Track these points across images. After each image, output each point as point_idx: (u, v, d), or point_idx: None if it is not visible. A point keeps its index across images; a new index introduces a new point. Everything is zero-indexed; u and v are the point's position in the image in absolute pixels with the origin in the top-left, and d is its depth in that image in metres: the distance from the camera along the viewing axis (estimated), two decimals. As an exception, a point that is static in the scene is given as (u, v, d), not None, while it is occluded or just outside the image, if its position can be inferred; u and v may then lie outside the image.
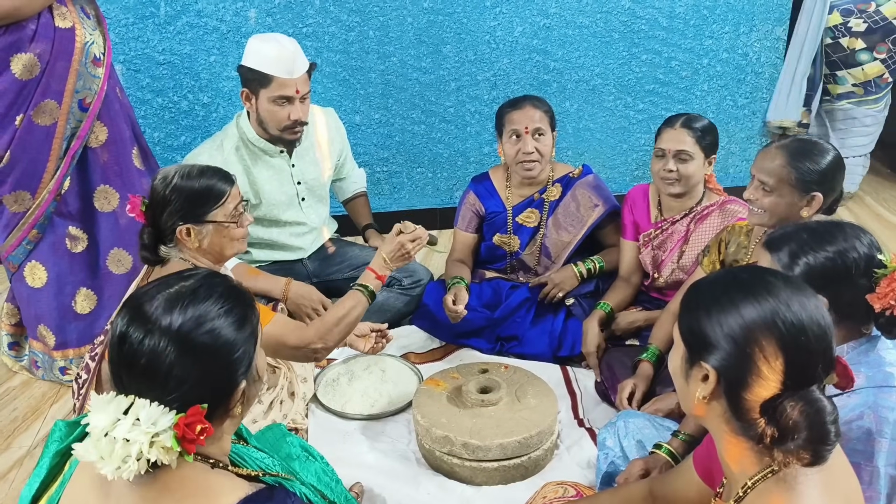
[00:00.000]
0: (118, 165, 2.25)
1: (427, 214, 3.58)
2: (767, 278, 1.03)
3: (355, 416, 2.15)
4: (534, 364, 2.33)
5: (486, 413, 1.93)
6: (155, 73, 3.13)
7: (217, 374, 0.97)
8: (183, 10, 3.06)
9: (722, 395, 1.01)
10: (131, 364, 0.94)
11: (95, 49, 2.14)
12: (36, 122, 2.06)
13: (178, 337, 0.94)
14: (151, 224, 1.73)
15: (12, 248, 2.16)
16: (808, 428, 0.94)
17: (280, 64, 2.27)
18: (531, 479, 1.89)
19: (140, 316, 0.96)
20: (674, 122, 2.28)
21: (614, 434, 1.79)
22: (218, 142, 2.43)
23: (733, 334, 0.99)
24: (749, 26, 3.50)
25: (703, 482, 1.25)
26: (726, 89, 3.61)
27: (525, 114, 2.43)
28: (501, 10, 3.29)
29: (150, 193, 1.74)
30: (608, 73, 3.48)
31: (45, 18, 2.02)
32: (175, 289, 0.99)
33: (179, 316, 0.95)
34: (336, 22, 3.18)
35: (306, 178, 2.56)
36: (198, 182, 1.72)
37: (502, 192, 2.61)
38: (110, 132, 2.21)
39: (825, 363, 0.99)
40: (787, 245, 1.36)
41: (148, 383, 0.93)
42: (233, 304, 1.00)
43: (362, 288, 1.91)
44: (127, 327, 0.95)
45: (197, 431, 0.91)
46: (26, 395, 2.34)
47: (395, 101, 3.36)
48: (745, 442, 1.01)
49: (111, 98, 2.22)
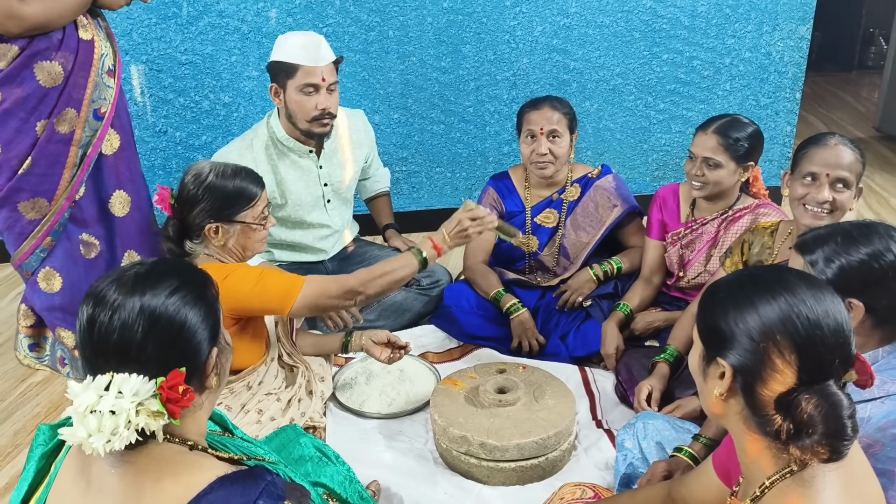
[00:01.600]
0: (129, 171, 2.32)
1: (446, 214, 3.54)
2: (784, 275, 1.03)
3: (373, 415, 2.15)
4: (552, 364, 2.32)
5: (503, 413, 1.92)
6: (177, 73, 3.16)
7: (185, 343, 1.00)
8: (205, 10, 3.08)
9: (738, 392, 1.02)
10: (103, 344, 0.97)
11: (108, 61, 2.21)
12: (57, 130, 2.11)
13: (144, 309, 0.97)
14: (178, 218, 1.77)
15: (26, 256, 2.21)
16: (824, 422, 0.93)
17: (305, 51, 2.30)
18: (548, 479, 1.88)
19: (104, 299, 0.99)
20: (707, 127, 2.23)
21: (633, 436, 1.78)
22: (248, 140, 2.45)
23: (748, 330, 0.99)
24: (772, 25, 3.46)
25: (721, 483, 1.25)
26: (749, 89, 3.57)
27: (542, 115, 2.43)
28: (521, 10, 3.28)
29: (180, 188, 1.78)
30: (629, 73, 3.46)
31: (70, 29, 2.09)
32: (132, 272, 1.02)
33: (141, 292, 0.99)
34: (356, 22, 3.20)
35: (333, 180, 2.57)
36: (231, 183, 1.77)
37: (521, 192, 2.61)
38: (122, 139, 2.28)
39: (842, 358, 0.98)
40: (819, 248, 1.34)
41: (122, 358, 0.96)
42: (187, 279, 1.03)
43: (416, 251, 1.92)
44: (93, 310, 0.99)
45: (180, 392, 0.94)
46: (48, 391, 2.37)
47: (414, 100, 3.37)
48: (762, 440, 1.01)
49: (121, 107, 2.29)
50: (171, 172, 3.33)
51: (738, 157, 2.19)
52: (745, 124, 2.21)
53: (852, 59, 7.45)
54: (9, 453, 2.08)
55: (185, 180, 1.78)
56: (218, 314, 1.06)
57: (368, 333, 2.14)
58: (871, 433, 1.24)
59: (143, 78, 3.16)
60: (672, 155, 3.65)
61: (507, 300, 2.48)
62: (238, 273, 1.77)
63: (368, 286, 1.86)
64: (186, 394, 0.95)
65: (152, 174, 3.31)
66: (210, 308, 1.04)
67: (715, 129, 2.19)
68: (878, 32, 7.33)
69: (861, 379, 1.00)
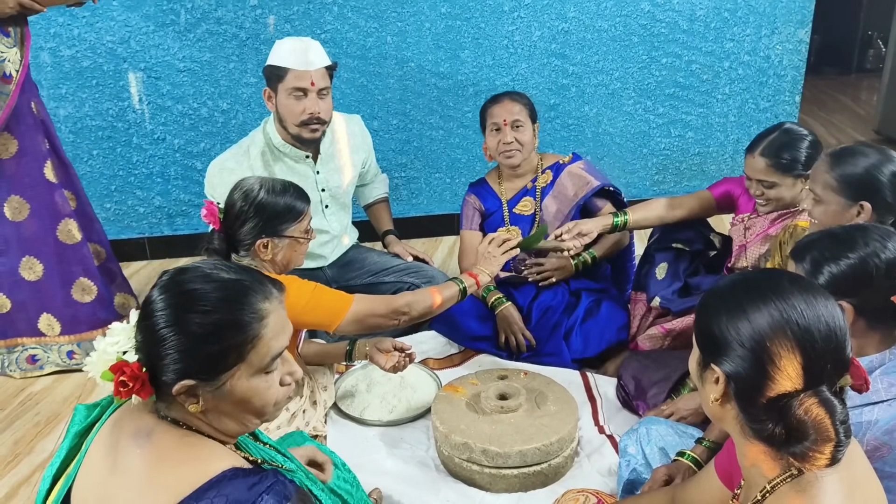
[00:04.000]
0: (28, 177, 2.36)
1: (445, 219, 3.58)
2: (777, 281, 1.03)
3: (374, 423, 2.14)
4: (553, 370, 2.31)
5: (505, 420, 1.91)
6: (175, 81, 3.16)
7: (194, 359, 1.03)
8: (203, 17, 3.08)
9: (732, 398, 1.02)
10: (145, 317, 1.06)
11: (8, 66, 2.24)
12: None
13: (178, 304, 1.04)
14: (226, 233, 1.83)
15: None
16: (815, 428, 0.94)
17: (294, 55, 2.31)
18: (551, 486, 1.87)
19: (167, 282, 1.07)
20: (754, 149, 2.09)
21: (636, 441, 1.77)
22: (244, 147, 2.45)
23: (740, 337, 1.00)
24: (771, 29, 3.46)
25: (724, 486, 1.24)
26: (748, 92, 3.57)
27: (504, 107, 2.51)
28: (519, 15, 3.28)
29: (227, 204, 1.85)
30: (627, 77, 3.46)
31: None
32: (204, 271, 1.08)
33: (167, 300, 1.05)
34: (354, 28, 3.19)
35: (330, 186, 2.56)
36: (282, 199, 1.85)
37: (496, 189, 2.67)
38: (20, 145, 2.32)
39: (835, 363, 0.98)
40: (809, 253, 1.37)
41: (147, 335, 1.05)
42: (228, 310, 1.04)
43: (458, 280, 2.08)
44: (155, 287, 1.08)
45: (125, 379, 1.02)
46: (48, 399, 2.36)
47: (413, 106, 3.36)
48: (759, 444, 1.01)
49: (23, 112, 2.32)
50: (169, 180, 3.32)
51: (794, 174, 2.07)
52: (793, 139, 2.06)
53: (851, 62, 7.45)
54: (9, 462, 2.07)
55: (235, 197, 1.84)
56: (248, 347, 1.05)
57: (373, 341, 2.14)
58: (878, 436, 1.24)
59: (141, 85, 3.15)
60: (672, 159, 3.65)
61: (493, 295, 2.51)
62: (294, 286, 1.82)
63: (413, 307, 1.98)
64: (133, 383, 1.02)
65: (151, 182, 3.31)
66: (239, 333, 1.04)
67: (762, 152, 2.07)
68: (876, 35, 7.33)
69: (856, 383, 0.99)
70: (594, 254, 2.54)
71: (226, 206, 1.85)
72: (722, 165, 3.69)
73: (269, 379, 1.08)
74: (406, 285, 2.62)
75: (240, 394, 1.05)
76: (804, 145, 2.06)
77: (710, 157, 3.67)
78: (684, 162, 3.67)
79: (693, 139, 3.62)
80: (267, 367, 1.07)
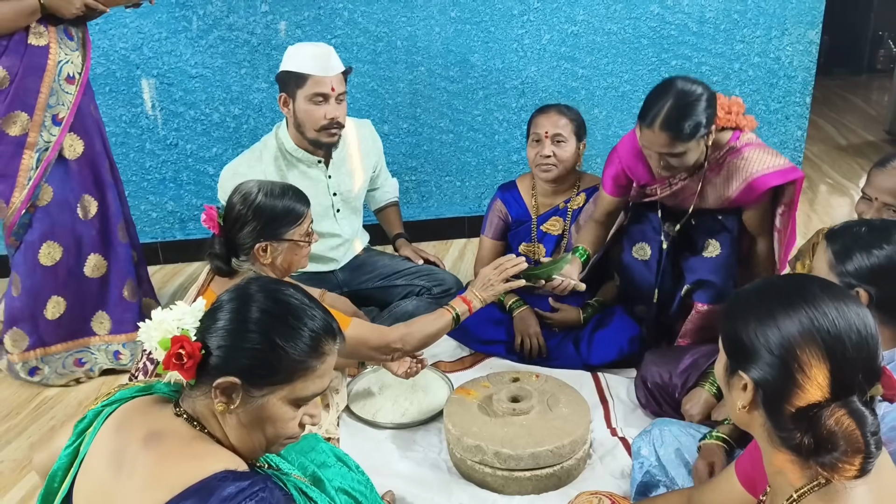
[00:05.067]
0: (94, 176, 2.40)
1: (455, 223, 3.59)
2: (807, 286, 1.01)
3: (386, 425, 2.14)
4: (565, 372, 2.31)
5: (517, 422, 1.91)
6: (187, 87, 3.18)
7: (255, 360, 1.07)
8: (215, 24, 3.10)
9: (760, 405, 1.01)
10: (225, 307, 1.12)
11: (70, 68, 2.27)
12: (6, 132, 2.20)
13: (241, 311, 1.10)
14: (226, 237, 1.82)
15: None
16: (845, 439, 0.92)
17: (315, 62, 2.31)
18: (564, 488, 1.87)
19: (264, 284, 1.16)
20: (652, 122, 1.93)
21: (649, 443, 1.76)
22: (257, 152, 2.47)
23: (769, 345, 0.98)
24: (781, 30, 3.45)
25: (745, 492, 1.23)
26: (758, 94, 3.56)
27: (548, 119, 2.46)
28: (529, 18, 3.29)
29: (227, 208, 1.83)
30: (637, 80, 3.46)
31: (19, 36, 2.17)
32: (269, 290, 1.14)
33: (258, 301, 1.11)
34: (364, 33, 3.21)
35: (342, 190, 2.57)
36: (280, 202, 1.81)
37: (528, 201, 2.62)
38: (86, 145, 2.35)
39: (866, 373, 0.96)
40: (843, 238, 1.37)
41: (221, 322, 1.10)
42: (310, 335, 1.10)
43: (451, 308, 1.97)
44: (250, 282, 1.16)
45: (181, 353, 1.05)
46: (63, 404, 2.38)
47: (423, 110, 3.37)
48: (787, 453, 1.00)
49: (85, 113, 2.35)
50: (181, 185, 3.35)
51: (697, 137, 1.93)
52: (690, 103, 1.88)
53: (862, 62, 7.42)
54: (24, 467, 2.08)
55: (234, 200, 1.82)
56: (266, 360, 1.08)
57: None
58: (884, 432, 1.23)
59: (154, 91, 3.18)
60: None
61: (510, 298, 2.50)
62: None
63: (407, 342, 1.91)
64: (187, 359, 1.05)
65: (163, 187, 3.33)
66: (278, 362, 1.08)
67: (661, 125, 1.91)
68: (887, 35, 7.30)
69: (888, 393, 0.97)
70: (600, 299, 2.51)
71: (225, 210, 1.83)
72: (733, 167, 3.68)
73: (295, 412, 1.12)
74: (417, 288, 2.63)
75: (268, 413, 1.09)
76: (702, 106, 1.90)
77: (721, 158, 3.67)
78: (695, 164, 3.66)
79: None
80: (303, 400, 1.11)
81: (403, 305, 2.60)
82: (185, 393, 1.12)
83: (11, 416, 2.32)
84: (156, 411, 1.12)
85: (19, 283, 2.36)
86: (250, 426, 1.09)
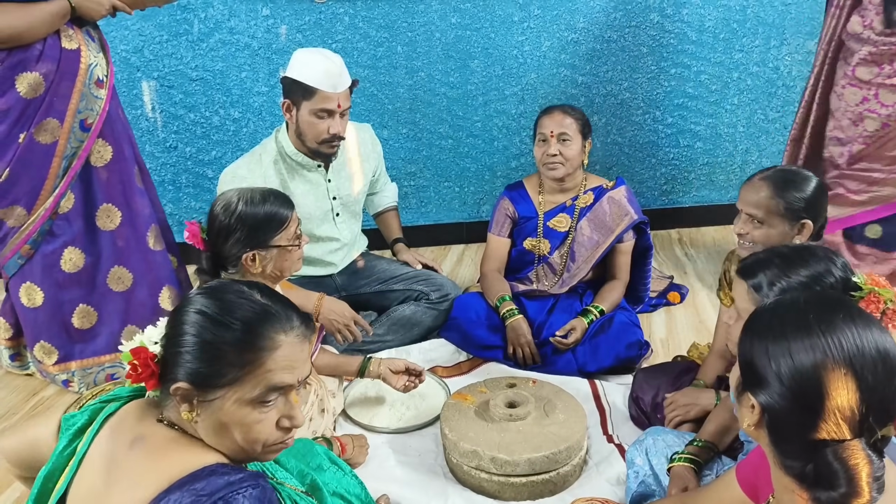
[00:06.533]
0: (121, 184, 2.31)
1: (454, 228, 3.59)
2: (826, 313, 0.96)
3: (383, 430, 2.14)
4: (562, 378, 2.31)
5: (514, 428, 1.92)
6: (188, 90, 3.19)
7: (194, 363, 1.05)
8: (216, 27, 3.11)
9: (765, 428, 0.99)
10: (174, 313, 1.11)
11: (99, 71, 2.20)
12: (37, 140, 2.11)
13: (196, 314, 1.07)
14: (212, 251, 1.76)
15: (5, 261, 2.24)
16: (847, 482, 0.90)
17: (326, 78, 2.29)
18: (560, 494, 1.87)
19: (211, 287, 1.13)
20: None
21: (643, 452, 1.77)
22: (257, 155, 2.46)
23: (780, 374, 0.95)
24: (780, 40, 3.47)
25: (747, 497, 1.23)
26: (757, 103, 3.57)
27: (553, 119, 2.51)
28: (529, 25, 3.30)
29: (209, 221, 1.77)
30: (636, 88, 3.47)
31: (52, 40, 2.08)
32: (209, 290, 1.12)
33: (195, 303, 1.09)
34: (365, 38, 3.22)
35: (341, 194, 2.58)
36: (262, 209, 1.76)
37: (535, 198, 2.66)
38: (115, 151, 2.27)
39: (878, 416, 0.92)
40: (761, 271, 1.36)
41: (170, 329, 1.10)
42: (244, 328, 1.06)
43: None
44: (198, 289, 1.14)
45: (138, 363, 1.06)
46: (61, 403, 2.37)
47: (422, 115, 3.38)
48: (788, 478, 0.98)
49: (114, 118, 2.27)
50: (180, 188, 3.35)
51: None
52: None
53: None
54: (19, 467, 2.08)
55: (215, 212, 1.76)
56: (207, 362, 1.05)
57: (386, 362, 2.15)
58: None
59: (154, 94, 3.19)
60: (680, 169, 3.65)
61: (505, 306, 2.51)
62: None
63: None
64: (142, 370, 1.06)
65: (162, 189, 3.33)
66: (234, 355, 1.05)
67: None
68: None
69: None
70: (601, 307, 2.51)
71: (208, 223, 1.78)
72: (731, 176, 3.69)
73: (261, 413, 1.05)
74: (415, 293, 2.63)
75: (226, 417, 1.04)
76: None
77: (719, 167, 3.68)
78: (693, 172, 3.67)
79: (702, 149, 3.63)
80: (261, 398, 1.04)
81: (401, 310, 2.60)
82: (161, 404, 1.10)
83: (8, 416, 2.31)
84: (144, 417, 1.10)
85: (38, 293, 2.28)
86: (220, 432, 1.05)
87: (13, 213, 2.16)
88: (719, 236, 3.60)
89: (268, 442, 1.07)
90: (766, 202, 1.81)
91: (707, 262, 3.31)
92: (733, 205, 1.94)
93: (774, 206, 1.80)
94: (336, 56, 2.35)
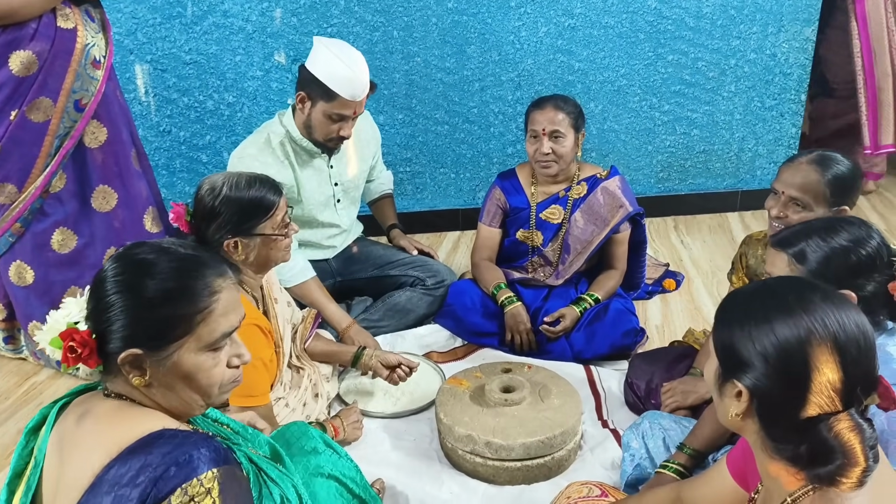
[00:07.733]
0: (117, 166, 2.30)
1: (449, 214, 3.58)
2: (805, 293, 0.98)
3: (378, 415, 2.14)
4: (557, 364, 2.31)
5: (509, 412, 1.91)
6: (181, 73, 3.16)
7: (140, 326, 1.04)
8: (209, 10, 3.08)
9: (755, 414, 0.98)
10: (96, 286, 1.07)
11: (96, 52, 2.18)
12: (29, 118, 2.10)
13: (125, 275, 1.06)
14: (196, 234, 1.71)
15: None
16: (844, 453, 0.90)
17: (350, 87, 2.27)
18: (554, 479, 1.87)
19: (121, 254, 1.10)
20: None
21: (639, 436, 1.77)
22: (264, 134, 2.43)
23: (766, 354, 0.95)
24: (777, 27, 3.45)
25: (738, 486, 1.22)
26: (754, 90, 3.56)
27: (545, 115, 2.43)
28: (526, 11, 3.28)
29: (195, 203, 1.72)
30: (633, 74, 3.46)
31: (47, 18, 2.07)
32: (160, 246, 1.10)
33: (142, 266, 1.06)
34: (361, 22, 3.19)
35: (343, 180, 2.57)
36: (247, 193, 1.69)
37: (527, 189, 2.61)
38: (110, 133, 2.26)
39: (864, 385, 0.93)
40: (800, 241, 1.35)
41: (97, 303, 1.06)
42: (180, 278, 1.06)
43: None
44: (109, 259, 1.10)
45: (73, 345, 1.03)
46: (52, 388, 2.36)
47: (418, 101, 3.36)
48: (781, 462, 0.98)
49: (110, 100, 2.26)
50: (174, 172, 3.33)
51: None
52: None
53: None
54: (11, 452, 2.07)
55: (201, 194, 1.71)
56: (154, 321, 1.04)
57: (379, 356, 2.15)
58: None
59: (147, 77, 3.16)
60: (676, 156, 3.65)
61: (503, 294, 2.49)
62: (249, 334, 1.66)
63: None
64: (81, 349, 1.02)
65: (156, 174, 3.29)
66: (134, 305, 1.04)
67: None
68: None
69: (884, 402, 0.95)
70: (596, 296, 2.50)
71: (194, 205, 1.73)
72: (727, 163, 3.68)
73: (216, 357, 1.08)
74: (411, 279, 2.63)
75: (185, 368, 1.06)
76: None
77: (715, 154, 3.67)
78: (689, 159, 3.66)
79: (698, 137, 3.62)
80: (215, 343, 1.07)
81: (397, 296, 2.60)
82: (104, 379, 1.09)
83: (0, 401, 2.30)
84: (89, 398, 1.10)
85: (29, 271, 2.27)
86: (177, 387, 1.07)
87: (4, 191, 2.16)
88: (715, 224, 3.59)
89: (223, 382, 1.11)
90: (815, 186, 1.74)
91: (702, 249, 3.31)
92: (729, 192, 1.93)
93: (822, 190, 1.74)
94: (360, 59, 2.31)
